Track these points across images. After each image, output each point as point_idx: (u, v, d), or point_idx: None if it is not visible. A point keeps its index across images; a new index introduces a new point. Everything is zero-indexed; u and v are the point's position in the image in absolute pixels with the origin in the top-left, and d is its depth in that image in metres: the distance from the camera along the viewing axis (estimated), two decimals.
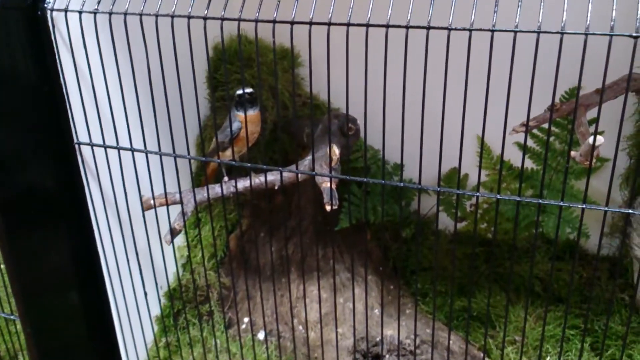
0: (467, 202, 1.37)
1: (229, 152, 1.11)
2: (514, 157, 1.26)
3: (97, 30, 0.85)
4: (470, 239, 1.38)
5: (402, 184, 0.82)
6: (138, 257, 1.04)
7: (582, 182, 1.22)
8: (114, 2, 0.83)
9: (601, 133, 0.77)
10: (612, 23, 0.64)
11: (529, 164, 1.29)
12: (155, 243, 1.01)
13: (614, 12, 0.64)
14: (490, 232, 1.39)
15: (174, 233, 0.99)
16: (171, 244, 1.01)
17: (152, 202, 0.99)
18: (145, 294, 1.08)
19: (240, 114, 1.08)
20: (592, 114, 0.96)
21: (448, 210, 1.36)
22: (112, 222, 1.03)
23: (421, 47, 0.69)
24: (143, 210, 0.99)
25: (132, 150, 0.92)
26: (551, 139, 1.25)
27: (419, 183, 0.82)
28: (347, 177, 0.85)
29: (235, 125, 1.08)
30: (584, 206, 0.73)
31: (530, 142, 1.26)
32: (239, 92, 1.08)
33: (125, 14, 0.81)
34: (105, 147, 0.93)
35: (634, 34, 0.62)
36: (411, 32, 0.69)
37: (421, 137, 0.76)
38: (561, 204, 0.74)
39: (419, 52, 0.69)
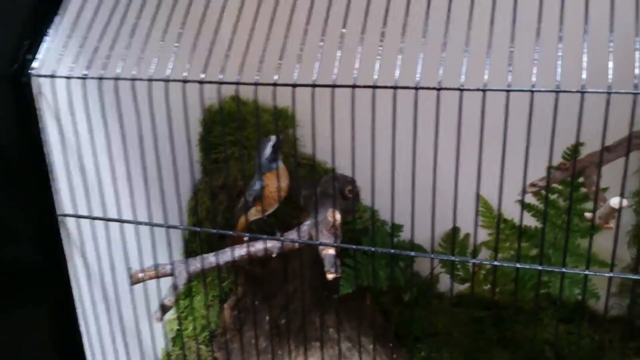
0: (470, 262, 1.32)
1: (254, 211, 1.08)
2: (516, 215, 1.23)
3: (87, 96, 0.80)
4: (476, 302, 1.32)
5: (413, 254, 0.77)
6: (125, 334, 0.96)
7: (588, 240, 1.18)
8: (105, 66, 0.78)
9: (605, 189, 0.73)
10: (609, 81, 0.61)
11: (533, 222, 1.24)
12: (143, 319, 0.94)
13: (610, 70, 0.62)
14: (495, 293, 1.33)
15: (164, 309, 0.92)
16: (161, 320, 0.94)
17: (141, 275, 0.92)
18: None
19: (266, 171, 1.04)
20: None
21: (450, 271, 1.31)
22: (97, 298, 0.95)
23: (427, 107, 0.67)
24: (131, 285, 0.92)
25: (121, 221, 0.86)
26: (555, 196, 1.22)
27: (432, 251, 0.77)
28: (353, 247, 0.80)
29: (257, 184, 1.04)
30: (586, 272, 0.69)
31: (533, 200, 1.23)
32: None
33: (117, 79, 0.77)
34: (91, 218, 0.87)
35: (634, 91, 0.59)
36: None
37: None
38: (563, 270, 0.70)
39: (426, 113, 0.67)
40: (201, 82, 0.74)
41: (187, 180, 1.14)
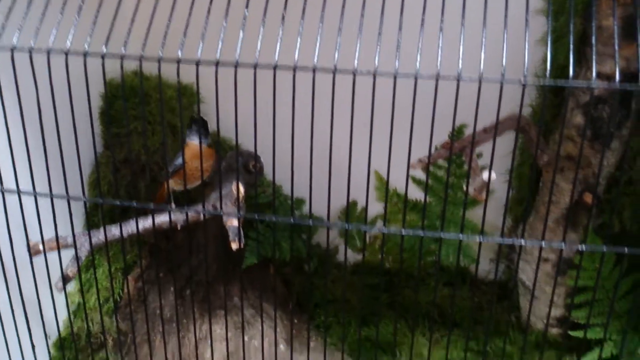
0: (367, 234, 1.41)
1: (172, 183, 1.13)
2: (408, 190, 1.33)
3: None
4: (371, 270, 1.42)
5: (310, 223, 0.83)
6: (25, 307, 0.95)
7: (471, 211, 1.30)
8: None
9: (485, 168, 0.83)
10: (502, 70, 0.70)
11: (422, 195, 1.35)
12: (44, 291, 0.94)
13: (504, 59, 0.70)
14: (388, 261, 1.43)
15: (66, 280, 0.92)
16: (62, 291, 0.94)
17: (41, 247, 0.92)
18: (33, 346, 0.99)
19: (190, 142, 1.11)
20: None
21: (349, 242, 1.39)
22: None
23: (329, 87, 0.72)
24: (31, 257, 0.91)
25: (19, 192, 0.85)
26: (442, 173, 1.33)
27: (328, 220, 0.84)
28: (256, 216, 0.85)
29: (179, 159, 1.11)
30: (481, 239, 0.79)
31: (422, 176, 1.33)
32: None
33: (13, 49, 0.76)
34: None
35: (523, 82, 0.68)
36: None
37: (329, 172, 0.78)
38: (460, 237, 0.80)
39: (329, 93, 0.72)
40: (103, 56, 0.75)
41: (88, 153, 1.13)
